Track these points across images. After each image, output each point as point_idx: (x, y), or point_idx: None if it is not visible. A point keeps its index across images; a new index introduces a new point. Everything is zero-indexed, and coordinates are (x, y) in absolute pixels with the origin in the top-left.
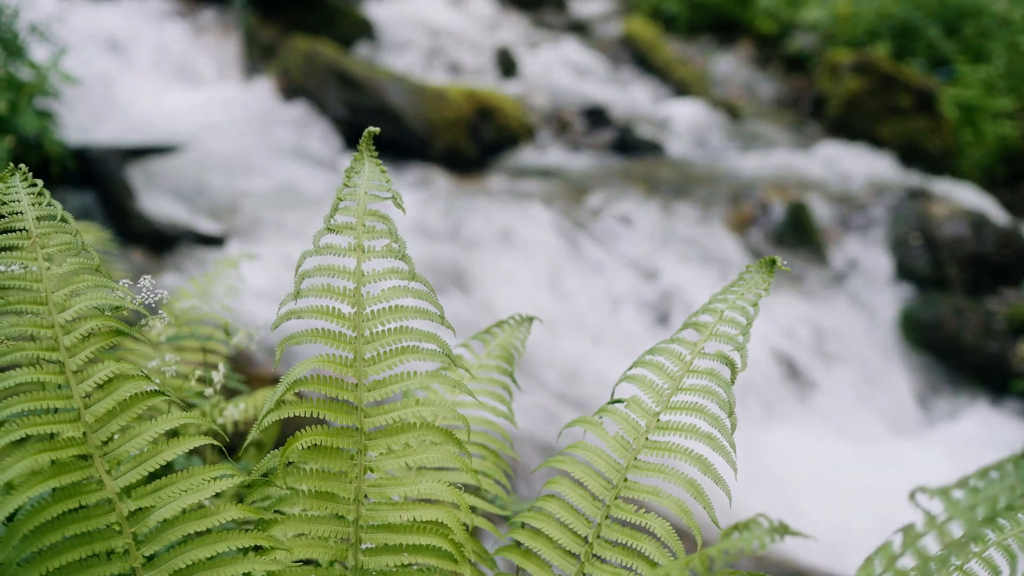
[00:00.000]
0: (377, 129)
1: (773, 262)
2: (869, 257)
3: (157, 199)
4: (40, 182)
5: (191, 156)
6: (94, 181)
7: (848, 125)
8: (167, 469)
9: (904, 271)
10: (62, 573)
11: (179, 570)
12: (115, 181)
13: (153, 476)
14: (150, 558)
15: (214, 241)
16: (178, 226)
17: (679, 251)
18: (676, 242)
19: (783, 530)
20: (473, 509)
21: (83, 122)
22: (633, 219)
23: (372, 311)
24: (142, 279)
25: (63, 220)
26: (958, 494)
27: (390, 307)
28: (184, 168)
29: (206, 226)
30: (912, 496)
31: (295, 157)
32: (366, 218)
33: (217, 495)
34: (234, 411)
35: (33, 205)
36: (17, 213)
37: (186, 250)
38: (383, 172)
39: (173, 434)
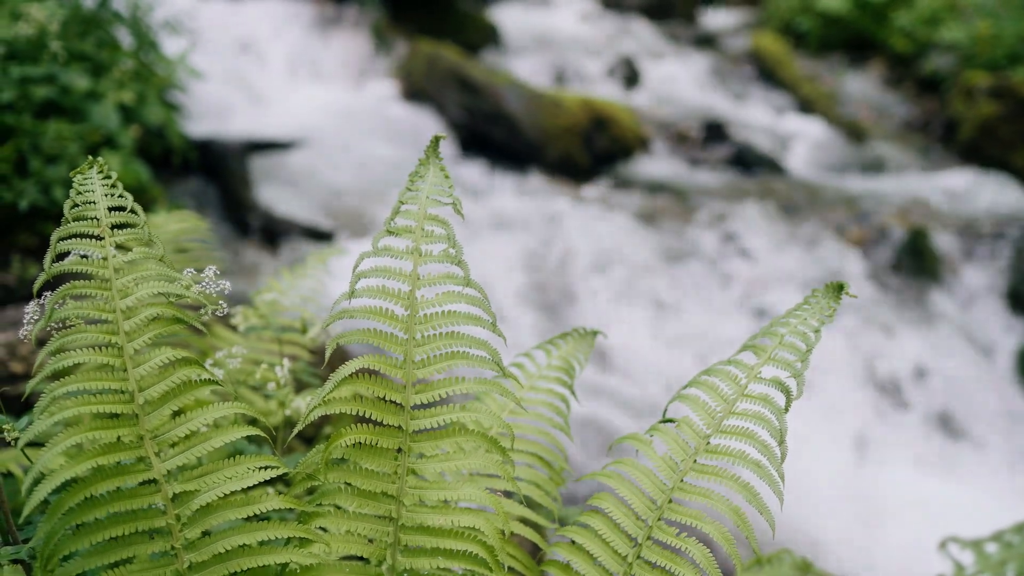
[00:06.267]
0: (444, 135)
1: (840, 287)
2: (989, 289)
3: (273, 193)
4: (115, 174)
5: (310, 152)
6: (215, 173)
7: (980, 151)
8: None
9: None
10: (106, 548)
11: (219, 554)
12: (235, 174)
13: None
14: (199, 537)
15: (324, 236)
16: (291, 220)
17: (788, 270)
18: (786, 261)
19: (806, 567)
20: (536, 526)
21: (210, 115)
22: (743, 236)
23: (425, 314)
24: (207, 269)
25: (133, 212)
26: (991, 548)
27: (443, 312)
28: (302, 164)
29: (318, 221)
30: (943, 545)
31: (411, 158)
32: (425, 222)
33: (285, 483)
34: (301, 403)
35: (106, 196)
36: (90, 203)
37: (296, 243)
38: (447, 178)
39: (252, 421)
